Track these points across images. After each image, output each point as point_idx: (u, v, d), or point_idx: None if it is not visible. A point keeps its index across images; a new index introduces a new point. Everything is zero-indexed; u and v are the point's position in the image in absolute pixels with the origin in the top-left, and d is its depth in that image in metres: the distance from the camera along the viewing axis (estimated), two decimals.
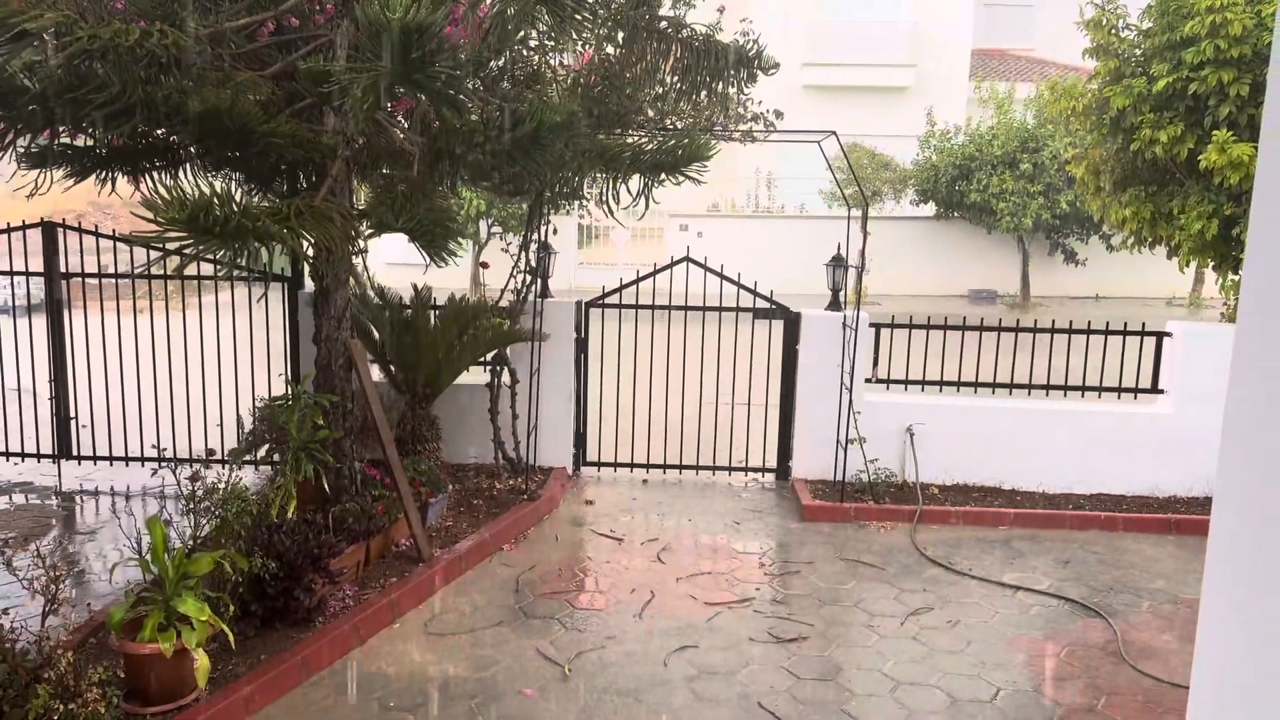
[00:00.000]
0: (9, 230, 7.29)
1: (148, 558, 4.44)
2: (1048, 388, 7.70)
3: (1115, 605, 5.80)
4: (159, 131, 5.38)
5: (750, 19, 7.88)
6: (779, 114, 8.14)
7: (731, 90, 6.77)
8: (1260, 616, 1.70)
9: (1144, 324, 7.76)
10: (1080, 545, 6.76)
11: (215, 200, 4.08)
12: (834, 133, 7.49)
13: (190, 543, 4.69)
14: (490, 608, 5.58)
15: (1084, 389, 7.69)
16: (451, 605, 5.61)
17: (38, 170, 5.42)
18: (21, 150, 5.32)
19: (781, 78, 7.54)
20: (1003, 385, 7.70)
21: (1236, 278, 8.39)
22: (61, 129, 5.13)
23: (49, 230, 7.42)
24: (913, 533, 6.91)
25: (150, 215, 3.96)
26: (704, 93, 6.65)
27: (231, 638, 4.42)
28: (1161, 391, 7.64)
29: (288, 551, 4.88)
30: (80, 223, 7.42)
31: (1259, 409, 1.72)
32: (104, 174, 5.58)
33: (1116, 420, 7.59)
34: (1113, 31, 8.21)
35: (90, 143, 5.43)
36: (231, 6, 5.03)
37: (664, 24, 6.43)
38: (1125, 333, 7.54)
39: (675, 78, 6.52)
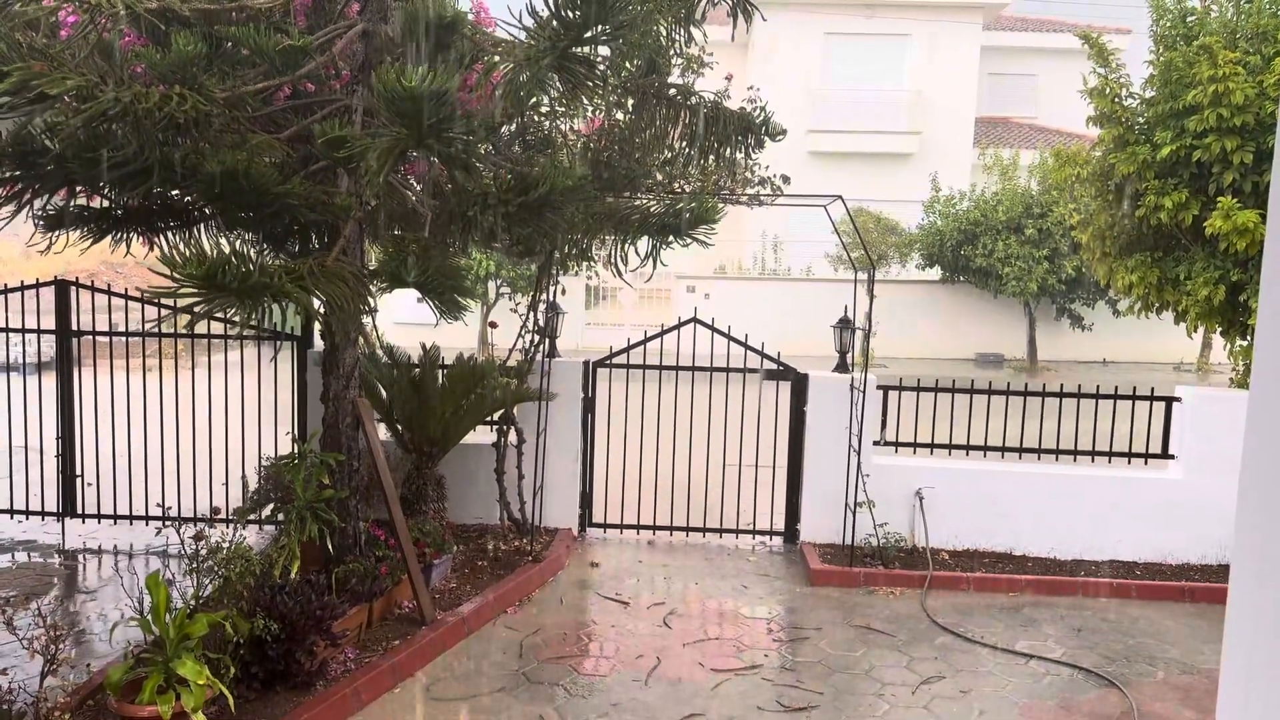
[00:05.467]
0: (23, 288, 7.36)
1: (148, 618, 4.40)
2: (1057, 452, 7.65)
3: (1130, 675, 5.69)
4: (174, 192, 5.46)
5: (757, 86, 8.02)
6: (786, 178, 8.23)
7: (739, 155, 6.86)
8: None
9: (1153, 389, 7.73)
10: (1093, 613, 6.66)
11: (233, 258, 4.12)
12: (840, 197, 7.57)
13: (192, 603, 4.65)
14: (493, 672, 5.49)
15: (1094, 454, 7.64)
16: (454, 669, 5.52)
17: (54, 231, 5.49)
18: (39, 211, 5.39)
19: (787, 144, 7.63)
20: (1012, 449, 7.66)
21: (1245, 343, 8.39)
22: (78, 189, 5.21)
23: (62, 289, 7.48)
24: (923, 599, 6.82)
25: (168, 271, 4.00)
26: (712, 157, 6.74)
27: (231, 700, 4.35)
28: (1172, 457, 7.58)
29: (290, 613, 4.82)
30: (93, 281, 7.49)
31: (1275, 475, 1.71)
32: (119, 234, 5.64)
33: (1127, 486, 7.53)
34: (1116, 100, 8.32)
35: (106, 204, 5.50)
36: (249, 71, 5.13)
37: (673, 91, 6.54)
38: (1135, 397, 7.51)
39: (684, 143, 6.62)
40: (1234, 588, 1.81)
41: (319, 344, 6.97)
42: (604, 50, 5.18)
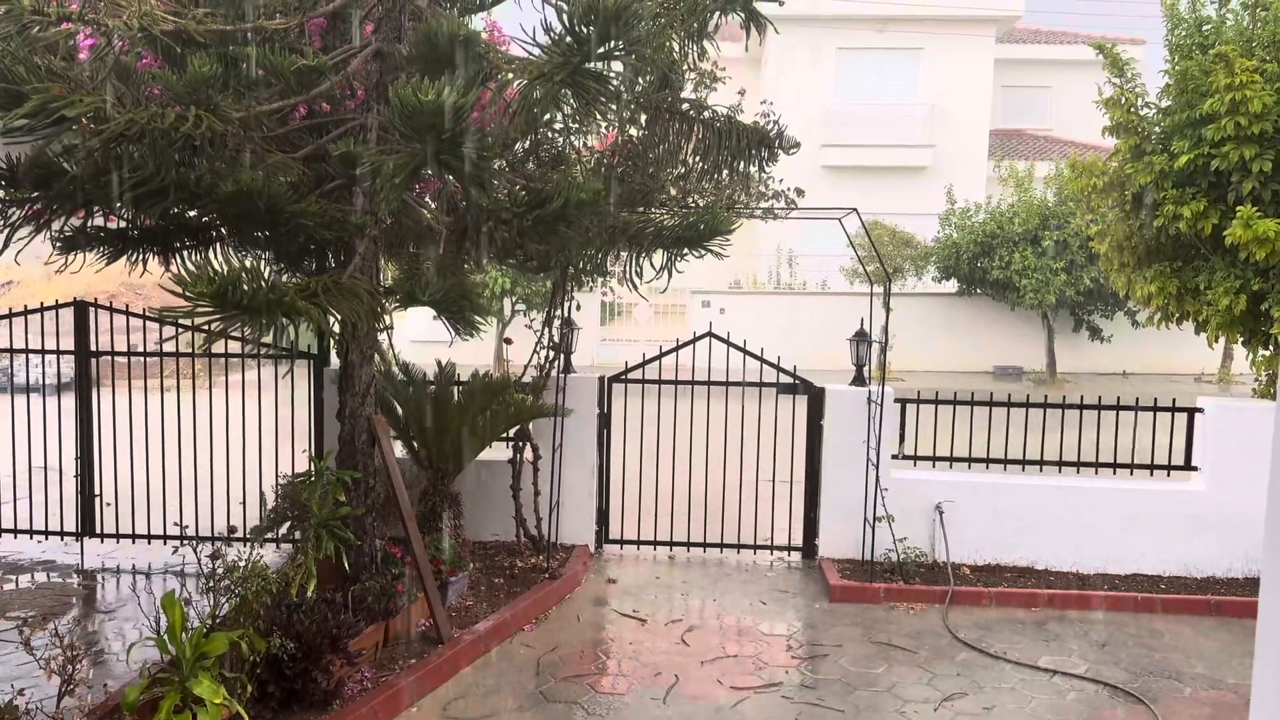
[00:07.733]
0: (42, 310, 7.41)
1: (165, 637, 4.39)
2: (1078, 465, 7.57)
3: (1156, 690, 5.60)
4: (190, 212, 5.49)
5: (771, 101, 8.02)
6: (800, 192, 8.21)
7: (753, 169, 6.85)
8: None
9: (1174, 400, 7.65)
10: (1117, 627, 6.57)
11: (243, 275, 4.13)
12: (854, 210, 7.54)
13: (209, 622, 4.64)
14: (510, 691, 5.46)
15: (1115, 466, 7.55)
16: (471, 688, 5.49)
17: (70, 252, 5.53)
18: (56, 233, 5.43)
19: (801, 158, 7.62)
20: (1032, 462, 7.58)
21: (1267, 353, 8.29)
22: (95, 210, 5.25)
23: (81, 310, 7.53)
24: (944, 614, 6.74)
25: (179, 291, 4.01)
26: (725, 172, 6.74)
27: None
28: (1195, 469, 7.49)
29: (306, 631, 4.81)
30: (112, 302, 7.53)
31: None
32: (135, 255, 5.68)
33: (1150, 498, 7.43)
34: (1132, 110, 8.27)
35: (122, 224, 5.54)
36: (264, 91, 5.16)
37: (686, 106, 6.55)
38: (1156, 409, 7.43)
39: (697, 157, 6.61)
40: (1265, 600, 1.77)
41: (335, 362, 6.99)
42: (617, 66, 5.18)
